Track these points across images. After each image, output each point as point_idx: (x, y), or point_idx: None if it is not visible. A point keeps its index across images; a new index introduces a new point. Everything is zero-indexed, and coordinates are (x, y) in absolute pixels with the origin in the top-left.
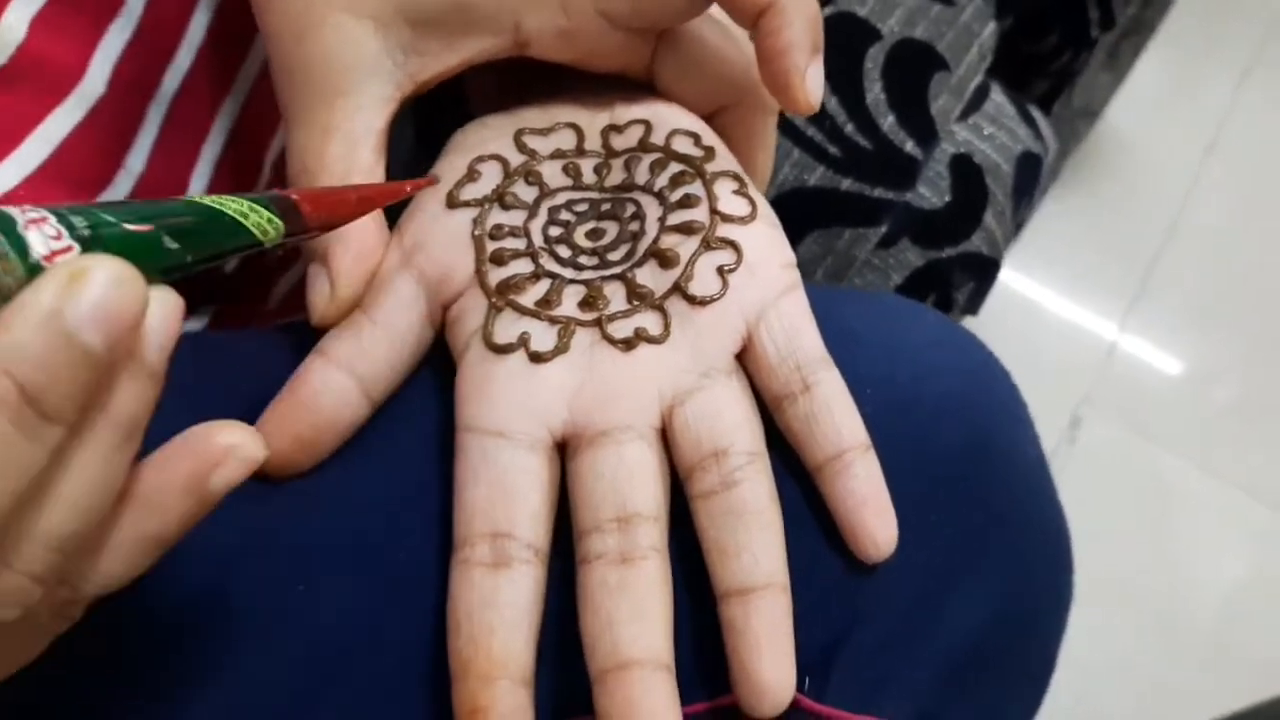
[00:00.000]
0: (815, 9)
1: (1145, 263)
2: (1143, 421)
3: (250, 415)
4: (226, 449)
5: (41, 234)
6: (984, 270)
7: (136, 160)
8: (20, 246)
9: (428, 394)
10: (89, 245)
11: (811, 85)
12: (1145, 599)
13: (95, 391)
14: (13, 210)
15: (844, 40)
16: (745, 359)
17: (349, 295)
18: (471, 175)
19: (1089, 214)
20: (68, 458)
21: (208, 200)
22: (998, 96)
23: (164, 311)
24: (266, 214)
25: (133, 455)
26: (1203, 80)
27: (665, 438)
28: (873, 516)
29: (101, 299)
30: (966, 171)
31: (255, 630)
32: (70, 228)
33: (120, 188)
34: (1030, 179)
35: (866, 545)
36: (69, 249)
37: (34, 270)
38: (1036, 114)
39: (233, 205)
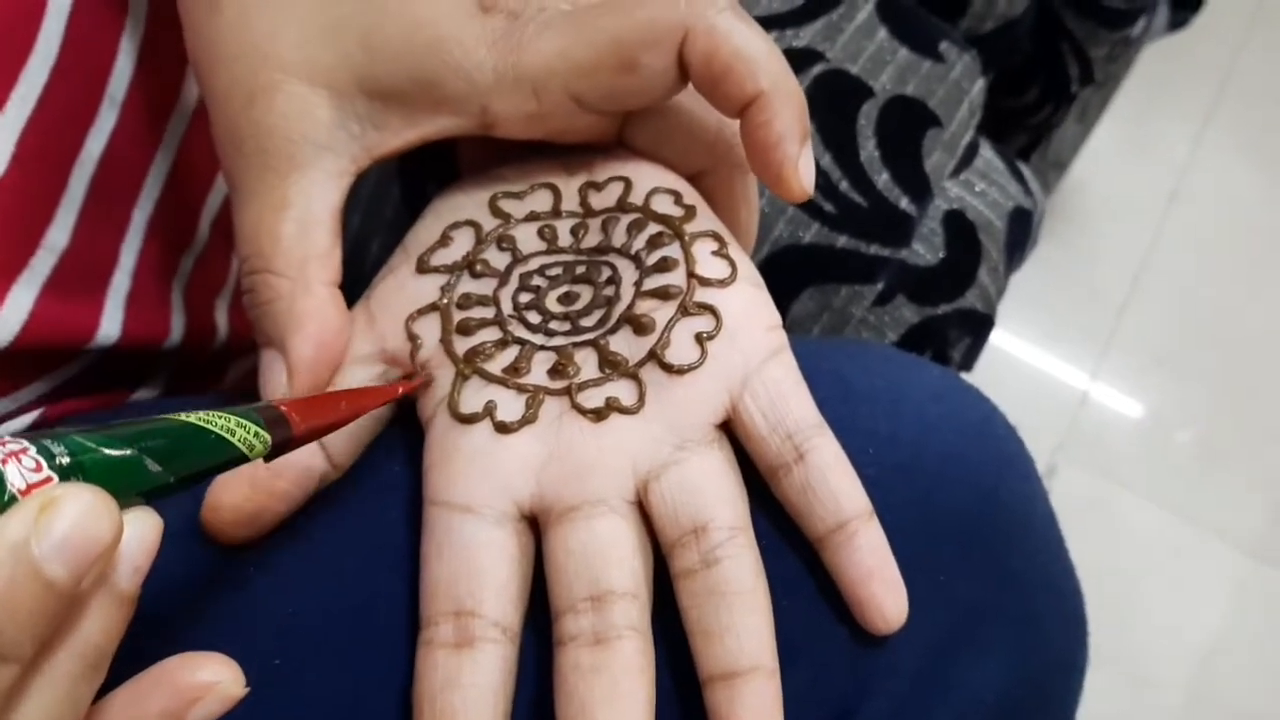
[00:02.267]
0: (800, 93)
1: (1114, 312)
2: (1117, 469)
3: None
4: (206, 686)
5: (19, 467)
6: (979, 326)
7: (59, 235)
8: None
9: (408, 463)
10: (68, 473)
11: (805, 174)
12: (1122, 648)
13: (58, 624)
14: None
15: (837, 97)
16: (734, 429)
17: (308, 388)
18: (444, 241)
19: (1058, 265)
20: (25, 693)
21: (193, 418)
22: (987, 152)
23: (140, 534)
24: (254, 428)
25: (97, 685)
26: (1162, 132)
27: (645, 511)
28: (881, 589)
29: (70, 530)
30: (960, 228)
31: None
32: (50, 458)
33: (40, 268)
34: (1022, 234)
35: (875, 619)
36: (48, 480)
37: (8, 504)
38: (1025, 169)
39: (220, 422)
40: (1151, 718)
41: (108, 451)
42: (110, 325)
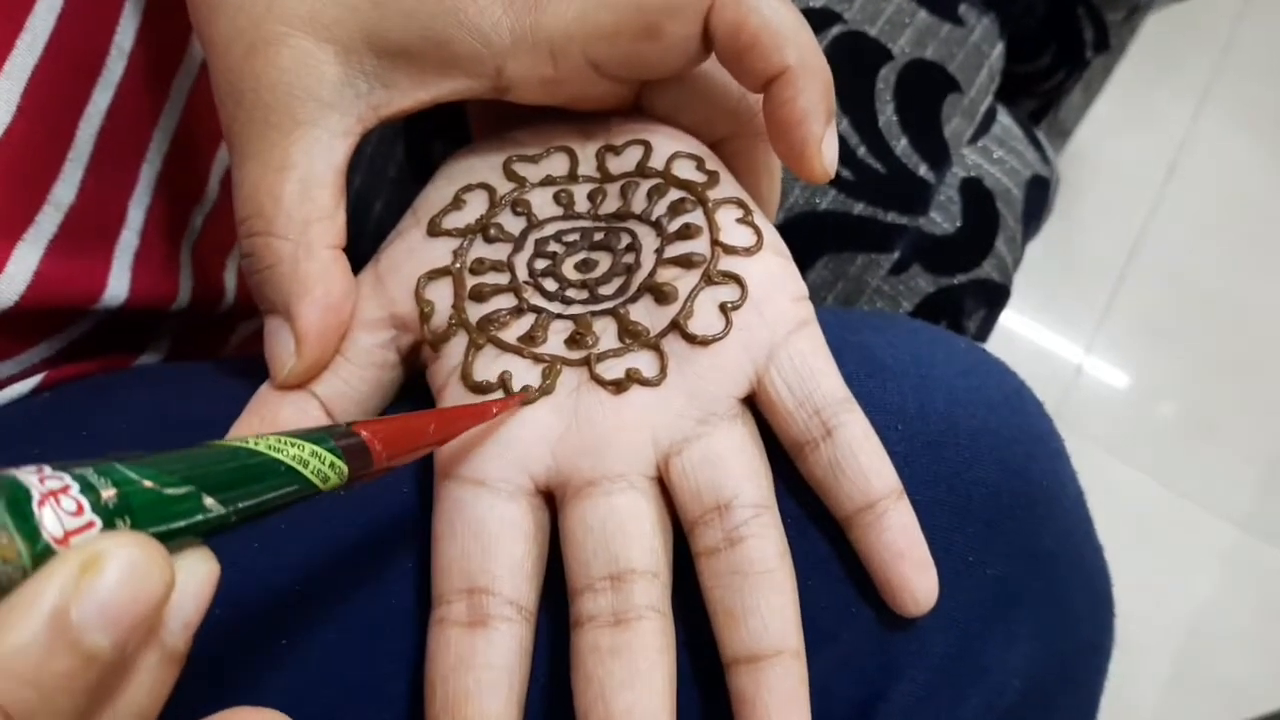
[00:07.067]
0: (827, 70)
1: (1111, 283)
2: (1112, 441)
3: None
4: None
5: (57, 511)
6: (995, 297)
7: (65, 191)
8: (29, 528)
9: None
10: (113, 516)
11: (827, 154)
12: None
13: (100, 695)
14: (30, 478)
15: (855, 60)
16: (759, 403)
17: (317, 356)
18: (456, 204)
19: (1054, 235)
20: None
21: (262, 446)
22: (1005, 119)
23: (194, 584)
24: (330, 458)
25: None
26: (1161, 103)
27: (665, 487)
28: (911, 570)
29: (115, 594)
30: (977, 196)
31: (238, 686)
32: (93, 496)
33: (46, 225)
34: (1039, 203)
35: (906, 601)
36: (89, 526)
37: (42, 555)
38: (1041, 137)
39: (292, 451)
40: (1139, 686)
41: (160, 488)
42: (118, 285)
